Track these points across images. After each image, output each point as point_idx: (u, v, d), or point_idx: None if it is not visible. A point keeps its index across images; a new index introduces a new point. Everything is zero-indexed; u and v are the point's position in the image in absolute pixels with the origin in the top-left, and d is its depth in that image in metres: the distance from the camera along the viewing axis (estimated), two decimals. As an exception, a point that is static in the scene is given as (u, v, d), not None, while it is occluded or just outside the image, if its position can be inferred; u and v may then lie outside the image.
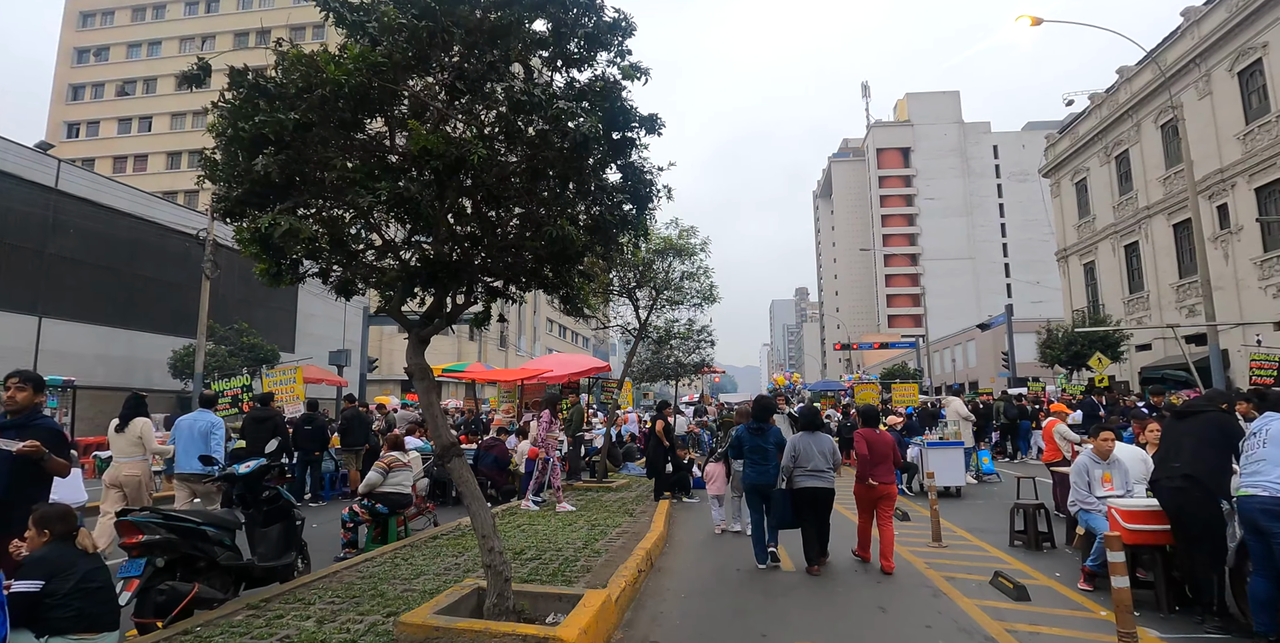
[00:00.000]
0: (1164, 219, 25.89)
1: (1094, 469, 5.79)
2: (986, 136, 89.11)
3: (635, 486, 11.85)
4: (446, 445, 4.28)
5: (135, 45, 52.64)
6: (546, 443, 9.29)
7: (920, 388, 18.01)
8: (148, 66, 51.36)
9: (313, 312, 34.14)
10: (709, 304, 12.13)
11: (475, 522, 4.19)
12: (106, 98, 52.17)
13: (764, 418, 6.90)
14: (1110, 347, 24.61)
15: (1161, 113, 25.87)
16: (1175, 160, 25.29)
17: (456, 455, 4.28)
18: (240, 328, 24.40)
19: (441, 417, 4.44)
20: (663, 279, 11.34)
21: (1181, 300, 25.15)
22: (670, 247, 11.05)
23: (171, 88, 49.48)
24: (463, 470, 4.31)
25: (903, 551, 7.04)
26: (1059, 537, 7.34)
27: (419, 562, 5.97)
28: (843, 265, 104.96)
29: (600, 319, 13.37)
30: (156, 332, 24.96)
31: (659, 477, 10.28)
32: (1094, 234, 30.55)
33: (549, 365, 16.06)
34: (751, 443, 6.69)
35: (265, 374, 11.36)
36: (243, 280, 29.55)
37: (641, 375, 18.29)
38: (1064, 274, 33.97)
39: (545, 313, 70.70)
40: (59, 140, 46.02)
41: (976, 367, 46.90)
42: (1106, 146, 29.40)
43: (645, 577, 6.00)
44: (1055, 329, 26.42)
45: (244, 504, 5.52)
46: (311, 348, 32.73)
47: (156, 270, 25.41)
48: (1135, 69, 27.59)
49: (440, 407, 4.49)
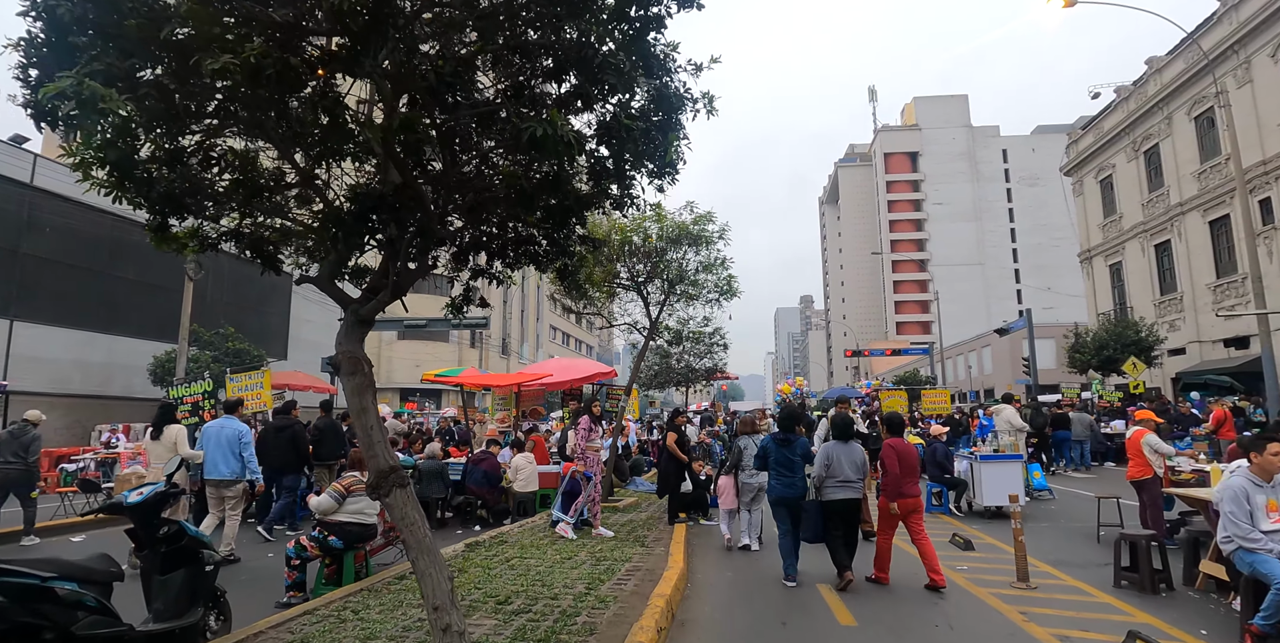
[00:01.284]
0: (1199, 216, 24.50)
1: (1256, 495, 4.41)
2: (995, 140, 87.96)
3: (645, 504, 10.48)
4: (382, 471, 2.95)
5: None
6: (586, 455, 7.83)
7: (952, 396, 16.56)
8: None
9: (308, 317, 32.90)
10: (727, 300, 10.77)
11: (424, 586, 2.86)
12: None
13: (790, 428, 6.57)
14: (1144, 351, 23.19)
15: (1195, 104, 24.56)
16: (1211, 153, 23.96)
17: (398, 485, 2.95)
18: (226, 333, 23.13)
19: (379, 429, 3.10)
20: (676, 271, 9.99)
21: (1219, 301, 23.71)
22: (685, 233, 9.70)
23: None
24: (406, 508, 2.97)
25: (984, 594, 5.67)
26: (1173, 572, 5.94)
27: (373, 617, 4.60)
28: (850, 272, 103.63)
29: (605, 314, 11.99)
30: (138, 337, 23.71)
31: (673, 496, 8.92)
32: (1121, 233, 29.15)
33: (550, 370, 14.76)
34: (778, 455, 6.34)
35: (230, 378, 10.03)
36: (233, 285, 28.41)
37: (649, 382, 16.94)
38: (1088, 276, 32.53)
39: (549, 320, 69.44)
40: (37, 133, 45.03)
41: (993, 374, 45.38)
42: (1134, 141, 28.07)
43: (666, 637, 4.64)
44: (1085, 332, 24.97)
45: (137, 544, 4.19)
46: (306, 355, 31.46)
47: (139, 272, 24.19)
48: (1166, 59, 26.31)
49: (378, 414, 3.16)
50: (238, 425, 7.66)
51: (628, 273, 9.79)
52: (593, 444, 7.94)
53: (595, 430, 7.93)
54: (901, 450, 6.06)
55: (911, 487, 5.99)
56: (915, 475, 6.11)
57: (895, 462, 5.95)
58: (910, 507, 5.95)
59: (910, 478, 6.00)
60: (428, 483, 9.01)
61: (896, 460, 5.95)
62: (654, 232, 9.42)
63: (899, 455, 5.99)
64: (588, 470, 7.82)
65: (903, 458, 6.00)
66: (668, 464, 8.97)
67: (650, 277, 9.83)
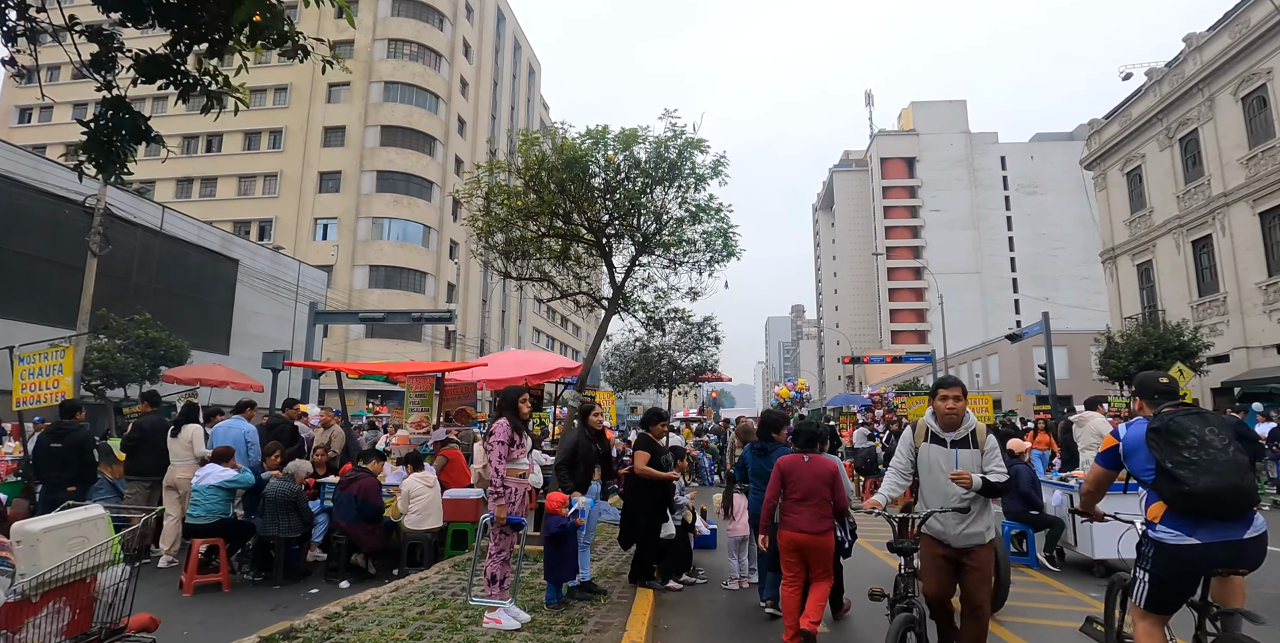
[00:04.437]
0: (1246, 207, 21.93)
1: None
2: (994, 147, 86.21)
3: (608, 541, 7.53)
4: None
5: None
6: (505, 485, 4.67)
7: (995, 401, 13.67)
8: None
9: (256, 309, 29.74)
10: (722, 263, 7.80)
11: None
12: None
13: (768, 436, 5.78)
14: (1188, 356, 20.50)
15: (1244, 83, 22.04)
16: (1262, 137, 21.44)
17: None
18: (141, 320, 19.97)
19: None
20: (652, 217, 7.06)
21: (1272, 302, 21.11)
22: (660, 160, 6.72)
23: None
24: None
25: None
26: None
27: None
28: (844, 279, 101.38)
29: (533, 274, 8.37)
30: (37, 322, 20.50)
31: (640, 546, 5.90)
32: (1151, 229, 26.58)
33: (496, 363, 11.84)
34: (755, 465, 5.72)
35: (19, 358, 7.00)
36: (166, 271, 25.24)
37: (623, 381, 13.99)
38: (1111, 278, 29.93)
39: (532, 322, 66.38)
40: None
41: (1000, 383, 42.74)
42: (1168, 128, 25.55)
43: None
44: (1121, 335, 22.26)
45: None
46: (250, 351, 28.22)
47: (41, 247, 21.03)
48: (1207, 36, 23.83)
49: None
50: (245, 426, 7.40)
51: (586, 219, 6.85)
52: (515, 466, 4.73)
53: (521, 445, 4.76)
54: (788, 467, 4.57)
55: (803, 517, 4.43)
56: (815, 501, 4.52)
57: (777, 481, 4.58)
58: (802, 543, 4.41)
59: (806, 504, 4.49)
60: (272, 516, 6.01)
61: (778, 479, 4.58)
62: (618, 154, 6.47)
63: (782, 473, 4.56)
64: (513, 514, 4.61)
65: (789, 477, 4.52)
66: (637, 499, 5.93)
67: (617, 223, 6.88)
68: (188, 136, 46.36)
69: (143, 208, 24.42)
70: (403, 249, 43.64)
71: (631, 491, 5.99)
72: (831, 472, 4.45)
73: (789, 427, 5.71)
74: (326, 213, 43.50)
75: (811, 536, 4.30)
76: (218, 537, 5.93)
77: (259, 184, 45.08)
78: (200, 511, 5.91)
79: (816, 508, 4.35)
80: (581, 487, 4.98)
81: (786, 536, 4.36)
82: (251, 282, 29.37)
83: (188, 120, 46.66)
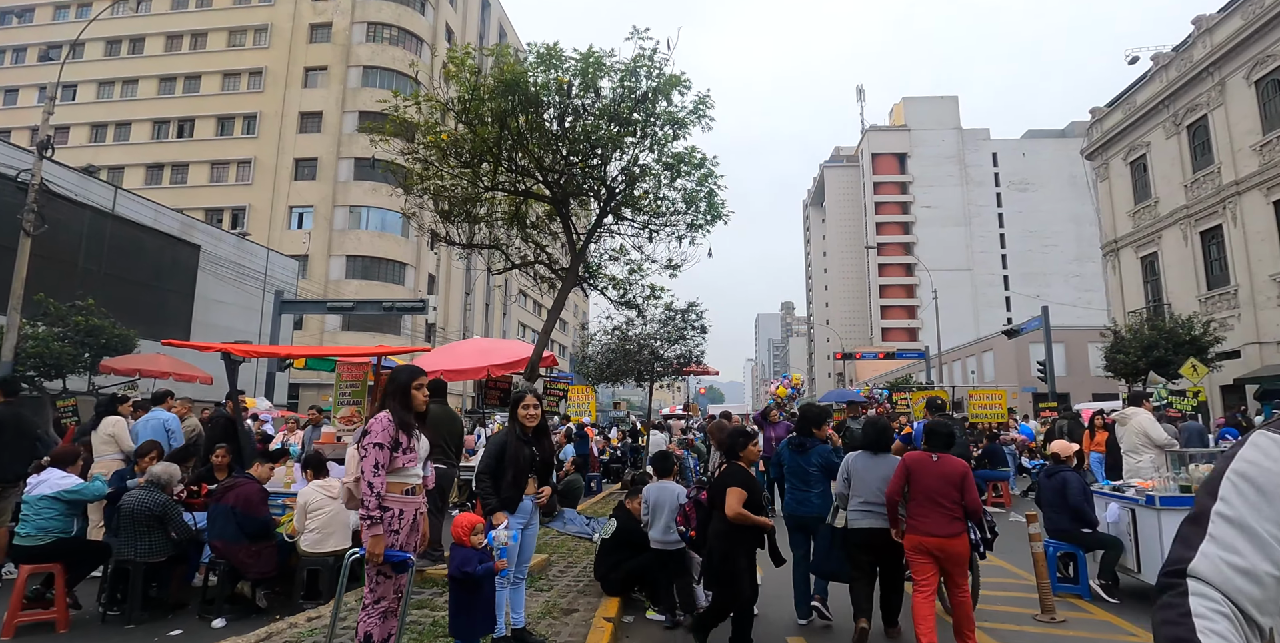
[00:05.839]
0: (1259, 196, 20.92)
1: None
2: (986, 143, 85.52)
3: (566, 561, 6.25)
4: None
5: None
6: (385, 505, 3.27)
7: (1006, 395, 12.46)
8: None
9: (218, 298, 28.17)
10: (707, 230, 6.50)
11: None
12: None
13: (808, 431, 5.35)
14: (1200, 351, 19.47)
15: (1258, 65, 21.01)
16: (1278, 122, 20.42)
17: None
18: (84, 306, 18.45)
19: None
20: (623, 170, 5.74)
21: (1288, 295, 20.12)
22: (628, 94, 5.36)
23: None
24: None
25: None
26: None
27: None
28: (834, 276, 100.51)
29: (461, 235, 6.93)
30: (-30, 308, 18.92)
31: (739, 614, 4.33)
32: (1157, 220, 25.56)
33: (457, 352, 10.54)
34: (792, 463, 5.31)
35: None
36: (120, 256, 23.68)
37: (599, 373, 12.70)
38: (1114, 271, 28.92)
39: (517, 316, 64.88)
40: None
41: (995, 380, 41.81)
42: (1175, 115, 24.53)
43: None
44: (1128, 329, 21.20)
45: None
46: (215, 341, 26.70)
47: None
48: (1217, 17, 22.79)
49: None
50: (164, 415, 7.39)
51: (529, 160, 5.50)
52: (402, 478, 3.34)
53: (410, 449, 3.34)
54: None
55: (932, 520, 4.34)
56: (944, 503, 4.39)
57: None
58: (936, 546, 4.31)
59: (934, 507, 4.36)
60: (129, 535, 4.67)
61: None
62: (573, 79, 5.11)
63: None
64: (400, 551, 3.23)
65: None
66: (732, 547, 4.28)
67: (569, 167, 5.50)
68: (158, 121, 44.62)
69: (91, 188, 22.81)
70: (381, 239, 42.05)
71: (723, 539, 4.32)
72: (961, 473, 4.40)
73: (830, 422, 4.77)
74: (302, 201, 41.82)
75: (943, 539, 4.29)
76: (53, 562, 4.61)
77: (232, 171, 43.33)
78: (30, 528, 4.60)
79: (946, 510, 4.34)
80: (509, 504, 3.68)
81: (914, 540, 4.36)
82: (214, 269, 27.79)
83: (159, 104, 44.88)
